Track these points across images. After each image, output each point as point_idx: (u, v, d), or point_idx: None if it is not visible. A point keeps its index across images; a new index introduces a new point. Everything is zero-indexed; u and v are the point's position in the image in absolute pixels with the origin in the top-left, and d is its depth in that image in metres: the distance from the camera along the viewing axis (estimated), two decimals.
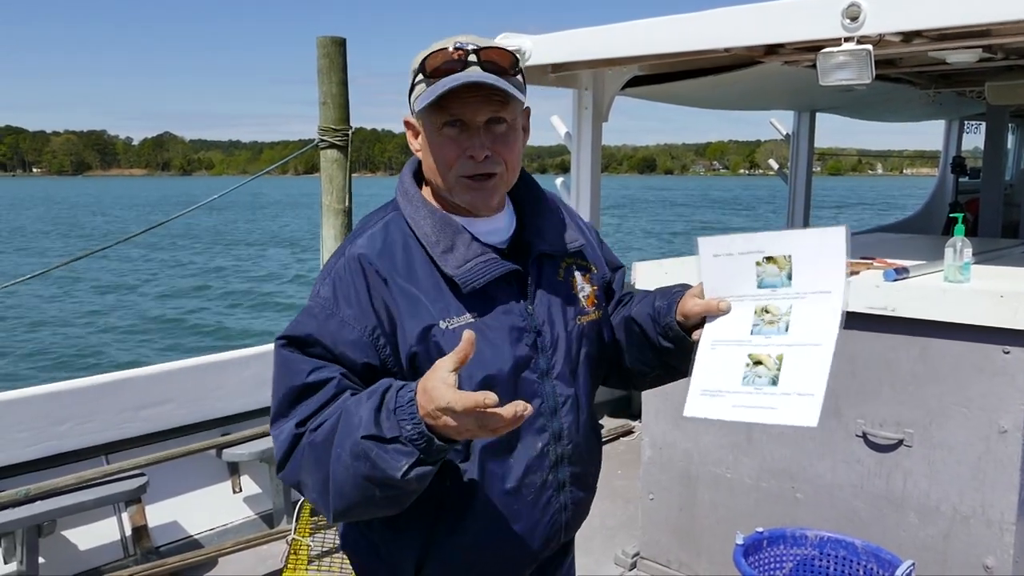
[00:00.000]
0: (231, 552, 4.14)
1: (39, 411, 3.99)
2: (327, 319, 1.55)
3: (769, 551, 2.68)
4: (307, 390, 1.52)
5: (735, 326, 1.62)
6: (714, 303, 1.64)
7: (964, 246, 2.94)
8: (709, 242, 1.67)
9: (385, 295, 1.57)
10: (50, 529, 3.79)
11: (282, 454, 1.51)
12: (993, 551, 2.83)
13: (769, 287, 1.61)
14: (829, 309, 1.55)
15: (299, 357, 1.54)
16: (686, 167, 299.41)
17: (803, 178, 7.59)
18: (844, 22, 3.01)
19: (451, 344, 1.54)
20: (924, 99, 6.30)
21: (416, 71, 1.58)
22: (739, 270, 1.63)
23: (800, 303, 1.58)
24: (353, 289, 1.57)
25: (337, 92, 4.58)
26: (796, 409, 1.52)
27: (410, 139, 1.70)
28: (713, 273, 1.67)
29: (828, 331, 1.54)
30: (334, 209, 4.74)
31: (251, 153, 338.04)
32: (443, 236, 1.61)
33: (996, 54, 4.03)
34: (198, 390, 4.55)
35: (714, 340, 1.64)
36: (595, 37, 4.00)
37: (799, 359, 1.55)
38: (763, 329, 1.60)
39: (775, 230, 1.63)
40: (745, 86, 5.20)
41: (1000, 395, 2.76)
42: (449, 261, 1.59)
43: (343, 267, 1.60)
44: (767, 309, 1.61)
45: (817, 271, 1.57)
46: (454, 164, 1.59)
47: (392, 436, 1.34)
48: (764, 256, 1.61)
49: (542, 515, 1.71)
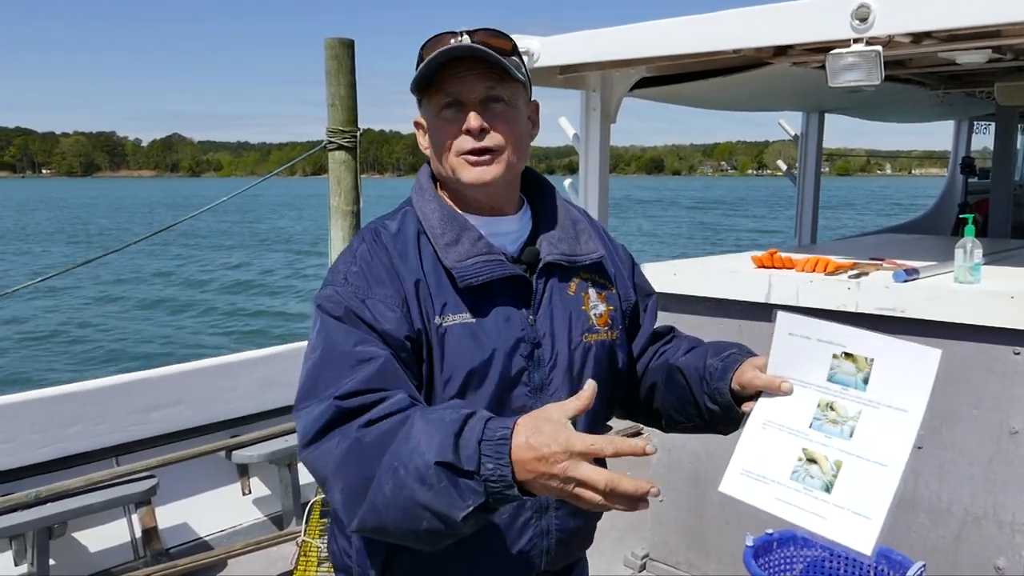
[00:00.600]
0: (241, 554, 4.15)
1: (49, 413, 4.01)
2: (362, 304, 1.48)
3: (779, 553, 2.67)
4: (351, 359, 1.40)
5: (793, 413, 1.49)
6: (776, 381, 1.51)
7: (974, 247, 2.93)
8: (788, 319, 1.53)
9: (404, 274, 1.54)
10: (60, 531, 3.81)
11: (317, 429, 1.35)
12: (1004, 552, 2.82)
13: (840, 384, 1.47)
14: (903, 429, 1.41)
15: (343, 327, 1.46)
16: (694, 168, 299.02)
17: (811, 179, 7.57)
18: (853, 23, 3.00)
19: (440, 342, 1.52)
20: (933, 100, 6.27)
21: (418, 62, 1.57)
22: (813, 356, 1.49)
23: (871, 412, 1.44)
24: (380, 265, 1.54)
25: (345, 94, 4.59)
26: (849, 528, 1.39)
27: (420, 139, 1.68)
28: (783, 351, 1.53)
29: (899, 452, 1.40)
30: (342, 211, 4.74)
31: (259, 154, 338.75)
32: (449, 229, 1.58)
33: (1006, 55, 4.02)
34: (208, 392, 4.57)
35: (766, 420, 1.52)
36: (603, 39, 4.00)
37: (860, 473, 1.42)
38: (824, 426, 1.46)
39: (864, 329, 1.47)
40: (754, 87, 5.19)
41: (1011, 396, 2.75)
42: (451, 254, 1.56)
43: (366, 250, 1.58)
44: (832, 406, 1.47)
45: (898, 385, 1.43)
46: (452, 144, 1.56)
47: (469, 469, 1.19)
48: (844, 351, 1.47)
49: (517, 539, 1.59)
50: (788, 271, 3.31)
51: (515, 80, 1.58)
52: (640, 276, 1.92)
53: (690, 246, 31.09)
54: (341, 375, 1.38)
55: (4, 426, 3.88)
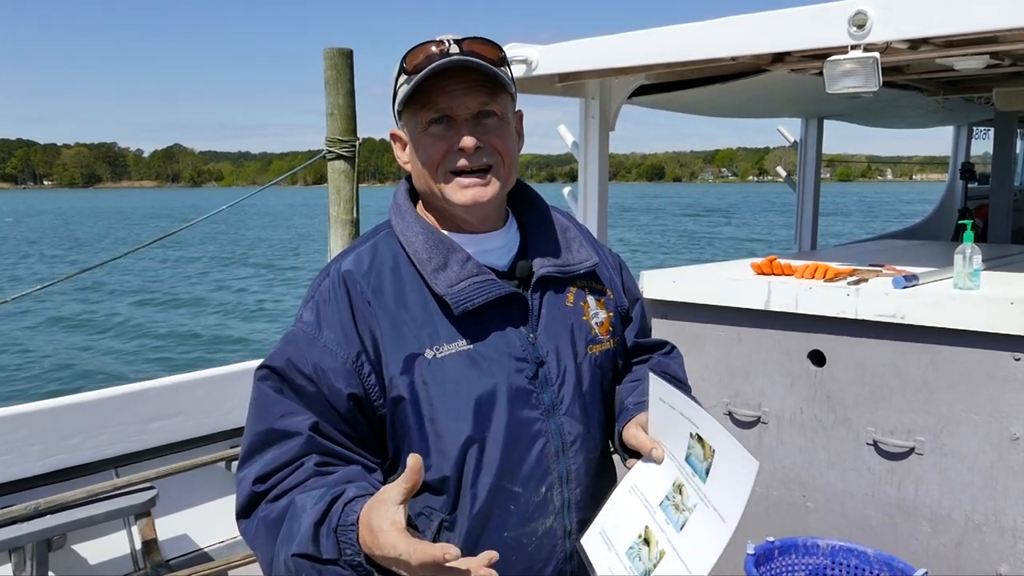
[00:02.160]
0: (241, 565, 4.14)
1: (49, 425, 4.00)
2: (308, 344, 1.45)
3: (780, 560, 2.66)
4: (274, 437, 1.42)
5: (654, 485, 1.51)
6: (649, 446, 1.50)
7: (974, 253, 2.92)
8: (657, 384, 1.52)
9: (370, 318, 1.45)
10: (60, 543, 3.80)
11: (240, 507, 1.43)
12: (1006, 559, 2.81)
13: (691, 467, 1.47)
14: (718, 538, 1.40)
15: (273, 396, 1.44)
16: (695, 174, 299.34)
17: (811, 185, 7.57)
18: (851, 30, 3.00)
19: (436, 378, 1.43)
20: (932, 106, 6.27)
21: (398, 73, 1.48)
22: (676, 428, 1.49)
23: (702, 510, 1.43)
24: (337, 312, 1.46)
25: (344, 103, 4.61)
26: None
27: (397, 152, 1.59)
28: (657, 416, 1.54)
29: (706, 561, 1.40)
30: (341, 220, 4.75)
31: (261, 164, 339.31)
32: (435, 253, 1.49)
33: (1004, 60, 4.02)
34: (207, 403, 4.56)
35: (634, 484, 1.54)
36: (602, 46, 4.00)
37: (671, 571, 1.42)
38: (668, 509, 1.48)
39: (709, 415, 1.45)
40: (752, 94, 5.19)
41: (1011, 402, 2.74)
42: (440, 280, 1.47)
43: (327, 288, 1.50)
44: (681, 490, 1.47)
45: (727, 488, 1.41)
46: (441, 161, 1.47)
47: (329, 558, 1.26)
48: (697, 434, 1.46)
49: (544, 566, 1.55)
50: (787, 278, 3.31)
51: (507, 92, 1.51)
52: (629, 278, 1.87)
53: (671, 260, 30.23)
54: (262, 449, 1.42)
55: (4, 438, 3.88)
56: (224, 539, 4.51)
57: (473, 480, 1.46)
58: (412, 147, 1.53)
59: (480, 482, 1.46)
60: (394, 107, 1.53)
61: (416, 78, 1.43)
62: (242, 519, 1.43)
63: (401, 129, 1.55)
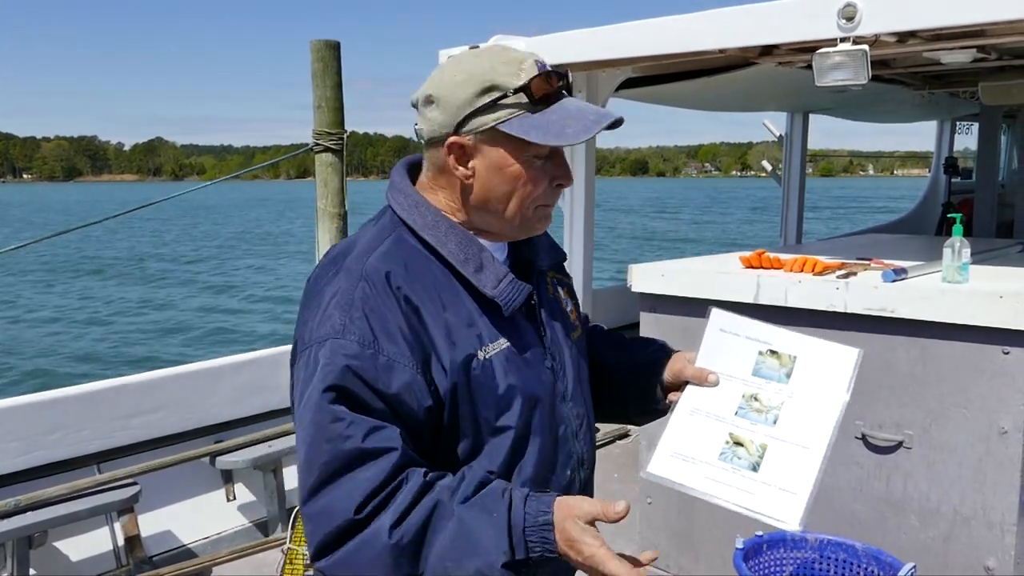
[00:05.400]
0: (225, 561, 4.10)
1: (30, 420, 3.95)
2: (371, 360, 1.33)
3: (769, 555, 2.64)
4: (362, 457, 1.29)
5: (719, 402, 1.58)
6: (705, 373, 1.60)
7: (962, 246, 2.92)
8: (721, 316, 1.65)
9: (420, 323, 1.39)
10: (41, 540, 3.75)
11: (328, 540, 1.29)
12: (994, 552, 2.81)
13: (764, 378, 1.59)
14: (824, 416, 1.53)
15: (348, 413, 1.31)
16: (678, 169, 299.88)
17: (796, 179, 7.59)
18: (840, 22, 2.99)
19: (488, 377, 1.43)
20: (917, 100, 6.31)
21: (506, 89, 1.40)
22: (740, 352, 1.61)
23: (793, 403, 1.55)
24: (388, 320, 1.36)
25: (331, 96, 4.57)
26: (776, 503, 1.48)
27: (453, 164, 1.46)
28: (713, 345, 1.63)
29: (820, 436, 1.52)
30: (329, 213, 4.72)
31: (243, 158, 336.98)
32: (471, 254, 1.46)
33: (990, 54, 4.03)
34: (191, 397, 4.51)
35: (694, 408, 1.59)
36: (588, 39, 3.99)
37: (784, 455, 1.51)
38: (749, 414, 1.56)
39: (790, 329, 1.61)
40: (738, 87, 5.19)
41: (1000, 396, 2.74)
42: (483, 281, 1.44)
43: (369, 294, 1.38)
44: (756, 397, 1.57)
45: (819, 380, 1.56)
46: (534, 193, 1.46)
47: (522, 559, 1.29)
48: (769, 349, 1.60)
49: None
50: (776, 271, 3.30)
51: None
52: None
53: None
54: (346, 471, 1.30)
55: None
56: (208, 535, 4.48)
57: (520, 471, 1.49)
58: (497, 169, 1.45)
59: (524, 472, 1.49)
60: (475, 116, 1.42)
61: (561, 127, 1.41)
62: (332, 551, 1.29)
63: (470, 139, 1.44)
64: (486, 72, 1.41)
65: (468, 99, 1.40)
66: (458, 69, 1.44)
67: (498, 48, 1.48)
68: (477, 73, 1.41)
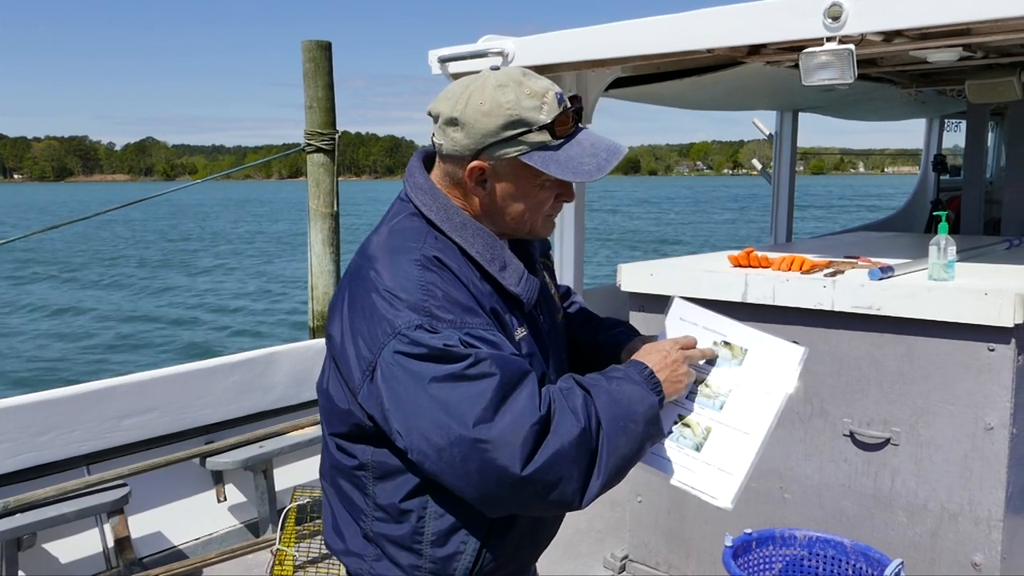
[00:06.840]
0: (216, 562, 4.10)
1: (19, 422, 3.93)
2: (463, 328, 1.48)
3: (758, 552, 2.67)
4: (516, 378, 1.45)
5: None
6: None
7: (948, 244, 2.94)
8: (682, 305, 1.80)
9: (481, 301, 1.56)
10: (30, 542, 3.73)
11: (531, 447, 1.41)
12: (981, 548, 2.83)
13: (716, 367, 1.72)
14: (767, 406, 1.65)
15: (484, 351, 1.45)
16: (670, 168, 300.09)
17: (786, 178, 7.61)
18: (826, 22, 3.00)
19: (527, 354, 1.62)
20: (905, 98, 6.32)
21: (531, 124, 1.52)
22: (697, 340, 1.73)
23: (739, 391, 1.68)
24: (459, 294, 1.52)
25: (323, 96, 4.57)
26: (714, 482, 1.62)
27: (471, 184, 1.59)
28: (672, 332, 1.77)
29: (761, 424, 1.64)
30: (321, 213, 4.72)
31: (235, 158, 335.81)
32: (495, 254, 1.60)
33: (976, 53, 4.05)
34: (181, 398, 4.50)
35: None
36: (578, 39, 3.99)
37: (726, 438, 1.64)
38: (699, 399, 1.70)
39: (742, 323, 1.76)
40: (728, 86, 5.20)
41: (986, 392, 2.76)
42: (507, 279, 1.60)
43: (437, 279, 1.51)
44: (707, 384, 1.71)
45: (766, 372, 1.68)
46: (544, 209, 1.64)
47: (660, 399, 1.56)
48: (724, 340, 1.73)
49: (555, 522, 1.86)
50: (764, 270, 3.31)
51: None
52: None
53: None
54: (516, 388, 1.44)
55: None
56: (199, 536, 4.46)
57: None
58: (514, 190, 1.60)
59: None
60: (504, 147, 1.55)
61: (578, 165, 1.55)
62: (533, 457, 1.41)
63: (489, 162, 1.56)
64: (512, 105, 1.51)
65: (494, 130, 1.51)
66: (483, 96, 1.52)
67: (517, 74, 1.56)
68: (504, 104, 1.51)
